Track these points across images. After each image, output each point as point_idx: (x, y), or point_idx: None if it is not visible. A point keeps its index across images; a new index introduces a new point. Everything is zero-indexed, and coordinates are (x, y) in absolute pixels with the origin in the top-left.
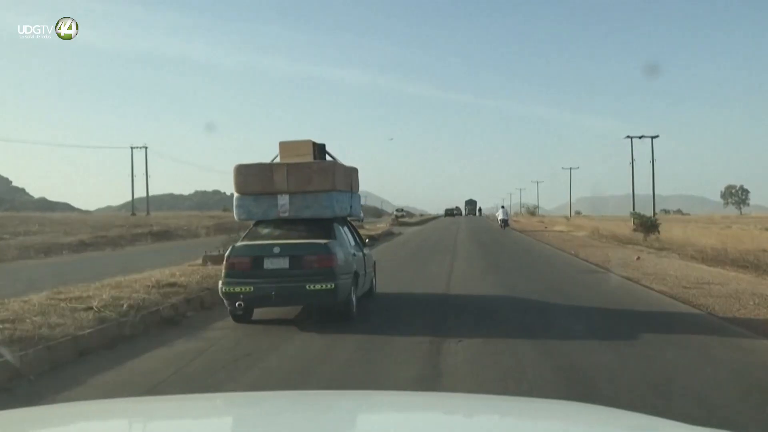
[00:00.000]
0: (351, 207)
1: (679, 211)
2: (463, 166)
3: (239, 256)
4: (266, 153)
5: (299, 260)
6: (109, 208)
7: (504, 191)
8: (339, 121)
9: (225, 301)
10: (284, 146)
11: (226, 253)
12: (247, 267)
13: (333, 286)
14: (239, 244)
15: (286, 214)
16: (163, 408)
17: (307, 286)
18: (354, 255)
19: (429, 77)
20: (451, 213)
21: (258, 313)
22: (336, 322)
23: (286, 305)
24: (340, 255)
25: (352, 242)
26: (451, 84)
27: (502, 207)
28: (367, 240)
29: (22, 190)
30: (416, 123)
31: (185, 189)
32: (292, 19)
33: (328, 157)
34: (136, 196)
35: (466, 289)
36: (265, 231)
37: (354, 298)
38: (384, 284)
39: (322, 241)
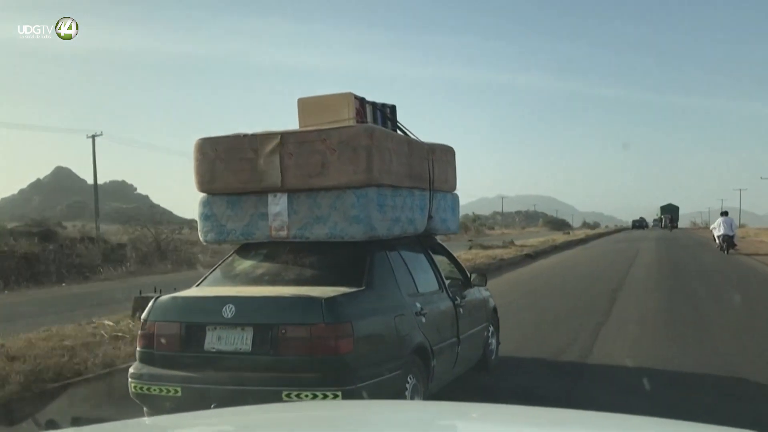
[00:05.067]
0: (431, 218)
1: None
2: (661, 172)
3: (162, 322)
4: None
5: (271, 336)
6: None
7: (706, 199)
8: (521, 124)
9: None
10: (306, 105)
11: (143, 315)
12: (174, 344)
13: (340, 397)
14: (166, 297)
15: (283, 233)
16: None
17: (284, 395)
18: (422, 313)
19: (618, 78)
20: (639, 225)
21: None
22: None
23: None
24: (370, 323)
25: (432, 284)
26: (645, 83)
27: (723, 214)
28: (472, 276)
29: None
30: (609, 125)
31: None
32: (471, 28)
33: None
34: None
35: None
36: (245, 267)
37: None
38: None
39: (326, 294)
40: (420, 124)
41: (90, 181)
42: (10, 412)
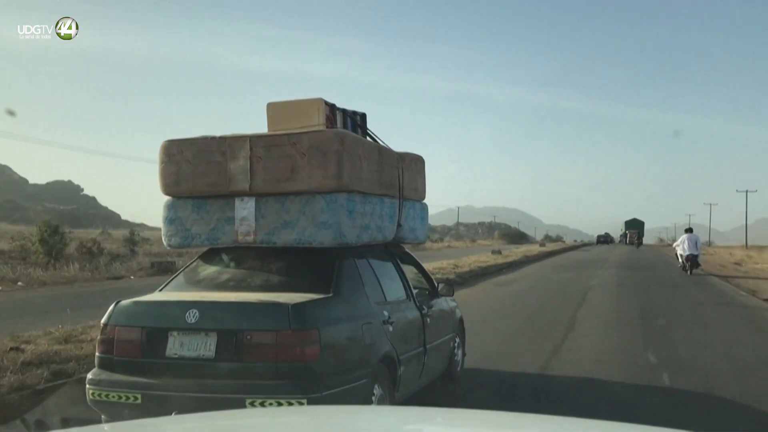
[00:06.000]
0: (400, 227)
1: None
2: (628, 186)
3: (122, 326)
4: None
5: (236, 342)
6: None
7: (672, 214)
8: (491, 136)
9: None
10: (276, 109)
11: (103, 319)
12: (135, 350)
13: (306, 405)
14: (127, 301)
15: (250, 238)
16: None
17: (247, 402)
18: (389, 321)
19: (588, 92)
20: (604, 240)
21: None
22: None
23: None
24: (337, 331)
25: (400, 293)
26: (614, 98)
27: (688, 231)
28: (439, 285)
29: None
30: (576, 139)
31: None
32: (448, 38)
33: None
34: None
35: None
36: (210, 272)
37: None
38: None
39: (293, 300)
40: (389, 132)
41: (32, 180)
42: None
